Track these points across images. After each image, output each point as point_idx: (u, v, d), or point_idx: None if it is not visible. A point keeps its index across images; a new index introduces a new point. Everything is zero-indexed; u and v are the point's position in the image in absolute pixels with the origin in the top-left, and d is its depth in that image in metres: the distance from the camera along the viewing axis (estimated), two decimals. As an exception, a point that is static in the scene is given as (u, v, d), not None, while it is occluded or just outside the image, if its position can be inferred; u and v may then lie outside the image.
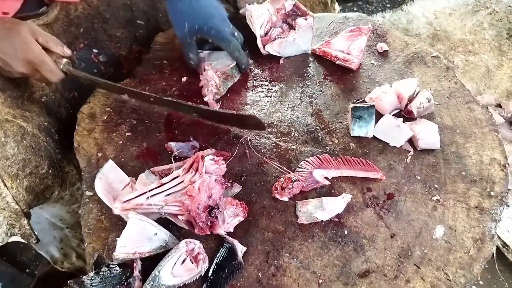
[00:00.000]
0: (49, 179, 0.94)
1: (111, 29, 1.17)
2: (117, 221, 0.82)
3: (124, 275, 0.71)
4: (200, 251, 0.74)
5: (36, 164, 0.89)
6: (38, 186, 0.91)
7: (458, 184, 0.82)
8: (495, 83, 1.74)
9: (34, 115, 0.95)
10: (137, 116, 1.00)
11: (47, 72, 0.87)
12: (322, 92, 1.00)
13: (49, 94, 1.05)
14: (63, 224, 1.27)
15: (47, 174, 0.93)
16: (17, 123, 0.89)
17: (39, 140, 0.92)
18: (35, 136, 0.91)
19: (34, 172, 0.89)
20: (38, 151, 0.91)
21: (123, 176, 0.86)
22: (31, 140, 0.90)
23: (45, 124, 0.97)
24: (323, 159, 0.86)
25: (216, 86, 0.99)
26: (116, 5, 1.16)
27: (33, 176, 0.89)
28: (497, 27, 1.91)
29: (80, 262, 1.30)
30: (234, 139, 0.93)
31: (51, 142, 0.96)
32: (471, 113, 0.92)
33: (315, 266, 0.74)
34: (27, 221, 0.87)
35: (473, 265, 0.73)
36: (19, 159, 0.86)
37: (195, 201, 0.76)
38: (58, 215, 1.25)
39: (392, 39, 1.08)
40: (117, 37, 1.19)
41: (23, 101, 0.96)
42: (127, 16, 1.19)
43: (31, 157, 0.88)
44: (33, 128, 0.92)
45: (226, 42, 0.97)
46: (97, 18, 1.14)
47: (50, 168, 0.94)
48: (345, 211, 0.79)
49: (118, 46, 1.20)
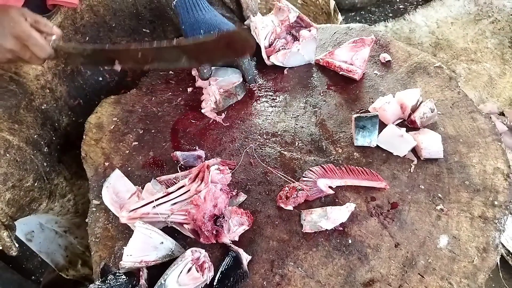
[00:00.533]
0: (35, 192, 0.93)
1: (117, 38, 1.19)
2: (123, 230, 0.83)
3: (130, 284, 0.72)
4: (206, 260, 0.74)
5: (19, 177, 0.89)
6: (23, 198, 0.90)
7: (462, 194, 0.83)
8: (497, 91, 1.75)
9: (23, 127, 0.95)
10: (144, 126, 1.01)
11: (35, 47, 0.85)
12: (326, 102, 1.01)
13: (51, 102, 1.05)
14: (59, 228, 1.27)
15: (33, 187, 0.92)
16: (1, 137, 0.89)
17: (25, 154, 0.92)
18: (20, 149, 0.91)
19: (17, 185, 0.88)
20: (23, 165, 0.90)
21: (129, 185, 0.87)
22: (16, 153, 0.90)
23: (34, 137, 0.97)
24: (327, 168, 0.87)
25: (215, 102, 1.00)
26: (122, 14, 1.17)
27: (16, 189, 0.88)
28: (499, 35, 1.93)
29: (85, 270, 1.31)
30: (239, 148, 0.94)
31: (38, 155, 0.96)
32: (474, 122, 0.93)
33: (320, 275, 0.75)
34: (7, 234, 0.87)
35: (477, 274, 0.73)
36: (0, 173, 0.85)
37: (200, 210, 0.77)
38: (53, 219, 1.25)
39: (395, 50, 1.10)
40: None
41: (18, 110, 0.96)
42: (132, 25, 1.20)
43: (14, 170, 0.88)
44: (19, 141, 0.92)
45: None
46: (103, 27, 1.16)
47: (36, 181, 0.93)
48: (349, 220, 0.80)
49: None
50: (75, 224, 1.25)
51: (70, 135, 1.07)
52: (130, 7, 1.17)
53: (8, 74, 0.97)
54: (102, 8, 1.13)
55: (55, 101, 1.07)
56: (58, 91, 1.07)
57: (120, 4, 1.16)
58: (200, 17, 0.98)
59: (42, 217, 1.24)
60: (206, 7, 1.00)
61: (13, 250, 0.88)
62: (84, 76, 1.13)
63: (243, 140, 0.96)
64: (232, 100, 1.03)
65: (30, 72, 1.01)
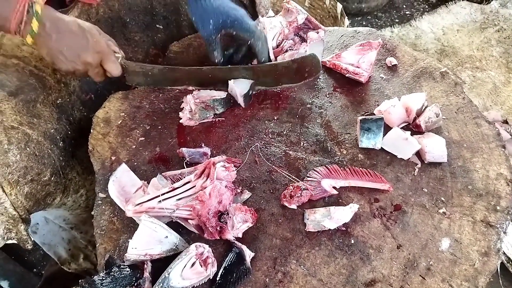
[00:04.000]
0: (51, 186, 0.95)
1: (130, 33, 1.20)
2: (128, 223, 0.84)
3: (134, 276, 0.73)
4: (209, 255, 0.75)
5: (38, 171, 0.90)
6: (40, 192, 0.92)
7: (465, 198, 0.83)
8: (501, 99, 1.76)
9: (41, 121, 0.96)
10: (151, 121, 1.02)
11: (112, 63, 0.92)
12: (332, 104, 1.02)
13: (65, 97, 1.07)
14: (67, 225, 1.28)
15: (49, 181, 0.93)
16: (22, 130, 0.90)
17: (43, 148, 0.93)
18: (39, 143, 0.93)
19: (35, 179, 0.90)
20: (41, 159, 0.92)
21: (135, 179, 0.88)
22: (35, 147, 0.91)
23: (51, 132, 0.98)
24: (331, 169, 0.87)
25: (190, 112, 0.99)
26: (137, 9, 1.18)
27: (34, 183, 0.89)
28: (505, 44, 1.94)
29: (87, 264, 1.32)
30: (245, 146, 0.95)
31: (55, 150, 0.97)
32: (478, 128, 0.93)
33: (322, 273, 0.75)
34: (24, 227, 0.88)
35: (478, 278, 0.73)
36: (20, 166, 0.86)
37: (205, 206, 0.78)
38: (62, 216, 1.27)
39: (401, 54, 1.11)
40: (135, 41, 1.22)
41: (36, 104, 0.97)
42: (146, 21, 1.21)
43: (34, 164, 0.89)
44: (38, 135, 0.93)
45: (251, 32, 0.98)
46: (117, 22, 1.16)
47: (53, 176, 0.95)
48: (352, 220, 0.81)
49: (136, 50, 1.23)
50: (82, 220, 1.26)
51: (83, 130, 1.08)
52: (145, 2, 1.18)
53: (28, 67, 0.99)
54: (117, 3, 1.14)
55: (69, 95, 1.08)
56: (71, 85, 1.08)
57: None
58: (209, 6, 0.95)
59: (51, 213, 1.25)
60: None
61: (29, 243, 0.89)
62: None
63: (248, 138, 0.97)
64: (209, 113, 1.01)
65: (49, 66, 1.03)
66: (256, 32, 0.99)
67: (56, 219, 1.25)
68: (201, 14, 0.96)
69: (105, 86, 1.16)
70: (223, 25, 0.96)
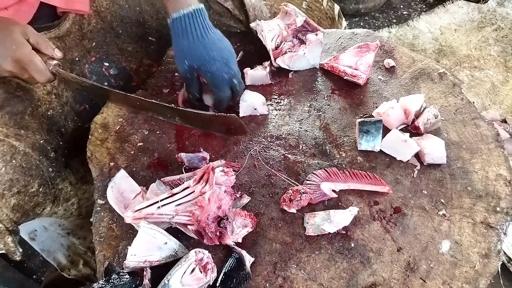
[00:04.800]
0: (39, 197, 0.93)
1: (123, 44, 1.20)
2: (127, 230, 0.83)
3: (134, 283, 0.73)
4: (209, 261, 0.75)
5: (25, 183, 0.89)
6: (28, 203, 0.90)
7: (464, 199, 0.83)
8: (500, 98, 1.76)
9: (29, 133, 0.95)
10: (149, 127, 1.02)
11: (34, 71, 0.86)
12: (330, 106, 1.02)
13: (56, 108, 1.05)
14: (63, 230, 1.28)
15: (38, 192, 0.92)
16: (8, 143, 0.88)
17: (30, 159, 0.92)
18: (26, 155, 0.91)
19: (22, 191, 0.88)
20: (29, 170, 0.90)
21: (134, 185, 0.88)
22: (22, 159, 0.89)
23: (40, 142, 0.97)
24: (330, 172, 0.87)
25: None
26: (129, 21, 1.18)
27: (21, 195, 0.88)
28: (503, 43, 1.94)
29: (87, 270, 1.32)
30: (244, 151, 0.95)
31: (44, 161, 0.96)
32: (477, 129, 0.93)
33: (322, 278, 0.75)
34: (11, 239, 0.87)
35: (479, 280, 0.73)
36: (5, 179, 0.85)
37: (205, 211, 0.77)
38: (57, 222, 1.26)
39: (399, 55, 1.11)
40: (129, 51, 1.22)
41: (24, 116, 0.96)
42: (139, 32, 1.21)
43: (20, 176, 0.88)
44: (25, 147, 0.92)
45: (218, 90, 0.95)
46: (109, 33, 1.16)
47: (41, 187, 0.93)
48: (352, 224, 0.80)
49: (129, 60, 1.23)
50: (78, 225, 1.25)
51: (77, 140, 1.07)
52: (137, 15, 1.18)
53: (15, 80, 0.97)
54: (109, 15, 1.14)
55: (61, 106, 1.07)
56: (64, 97, 1.07)
57: (127, 12, 1.16)
58: (186, 46, 0.92)
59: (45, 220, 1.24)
60: (198, 31, 0.92)
61: (17, 254, 0.88)
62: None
63: (247, 142, 0.96)
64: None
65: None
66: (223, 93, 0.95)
67: (51, 226, 1.24)
68: (179, 52, 0.94)
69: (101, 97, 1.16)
70: (197, 70, 0.93)
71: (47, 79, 0.89)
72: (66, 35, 1.07)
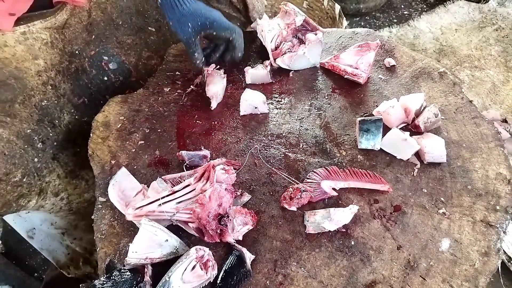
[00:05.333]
0: (23, 187, 0.93)
1: (122, 36, 1.19)
2: (128, 227, 0.84)
3: (135, 280, 0.73)
4: (210, 258, 0.75)
5: (6, 171, 0.88)
6: (10, 193, 0.90)
7: (464, 198, 0.83)
8: (500, 98, 1.76)
9: (16, 121, 0.94)
10: (150, 125, 1.02)
11: None
12: (331, 105, 1.02)
13: (52, 99, 1.04)
14: (56, 230, 1.27)
15: (21, 182, 0.91)
16: None
17: (14, 147, 0.91)
18: (10, 142, 0.90)
19: (3, 179, 0.88)
20: (11, 158, 0.90)
21: (135, 183, 0.88)
22: (4, 146, 0.89)
23: (27, 132, 0.96)
24: (331, 170, 0.88)
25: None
26: (129, 11, 1.17)
27: (2, 183, 0.87)
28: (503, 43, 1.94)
29: (87, 268, 1.32)
30: (244, 149, 0.95)
31: (30, 150, 0.95)
32: (478, 128, 0.94)
33: (322, 275, 0.75)
34: None
35: (479, 278, 0.73)
36: None
37: (205, 209, 0.78)
38: (48, 219, 1.25)
39: (400, 55, 1.11)
40: (128, 44, 1.21)
41: (13, 104, 0.95)
42: (139, 23, 1.20)
43: (1, 163, 0.87)
44: (9, 134, 0.91)
45: (231, 29, 1.03)
46: (109, 25, 1.16)
47: (25, 177, 0.93)
48: (352, 222, 0.81)
49: (128, 53, 1.22)
50: (71, 224, 1.24)
51: (71, 133, 1.06)
52: (137, 5, 1.18)
53: (8, 68, 0.96)
54: (110, 6, 1.14)
55: (57, 98, 1.06)
56: (61, 89, 1.07)
57: (127, 2, 1.16)
58: (185, 10, 0.98)
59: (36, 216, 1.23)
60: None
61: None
62: (89, 75, 1.13)
63: (248, 141, 0.97)
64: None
65: (32, 68, 1.00)
66: (235, 29, 1.03)
67: (43, 224, 1.23)
68: (179, 18, 0.99)
69: (99, 90, 1.16)
70: (202, 27, 0.99)
71: None
72: (66, 27, 1.06)
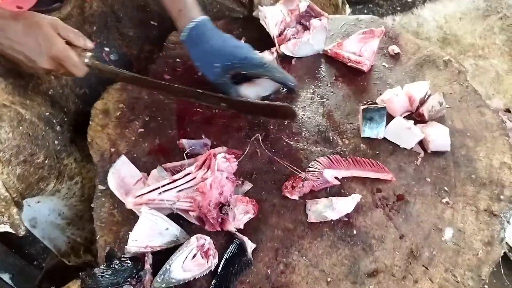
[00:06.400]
0: (44, 170, 0.92)
1: (124, 28, 1.18)
2: (128, 215, 0.83)
3: (135, 268, 0.73)
4: (211, 247, 0.75)
5: (31, 152, 0.87)
6: (33, 175, 0.89)
7: (468, 187, 0.82)
8: (504, 88, 1.74)
9: (35, 104, 0.94)
10: (150, 113, 1.01)
11: (71, 66, 0.85)
12: (334, 93, 1.01)
13: (56, 88, 1.03)
14: (62, 220, 1.27)
15: (43, 164, 0.90)
16: (14, 109, 0.86)
17: (37, 129, 0.90)
18: (33, 123, 0.89)
19: (28, 160, 0.87)
20: (35, 140, 0.89)
21: (135, 171, 0.87)
22: (28, 127, 0.88)
23: (46, 114, 0.95)
24: (333, 159, 0.86)
25: None
26: (131, 4, 1.16)
27: (27, 165, 0.86)
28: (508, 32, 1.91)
29: (88, 256, 1.32)
30: (245, 137, 0.94)
31: (50, 132, 0.94)
32: (482, 117, 0.92)
33: (324, 264, 0.75)
34: (16, 210, 0.85)
35: (482, 267, 0.73)
36: (13, 145, 0.83)
37: (206, 197, 0.77)
38: (57, 210, 1.25)
39: (404, 42, 1.09)
40: (129, 36, 1.20)
41: (26, 90, 0.94)
42: (140, 17, 1.19)
43: (26, 144, 0.86)
44: (31, 116, 0.90)
45: (264, 66, 0.91)
46: (110, 17, 1.14)
47: (47, 159, 0.91)
48: (355, 211, 0.80)
49: (130, 45, 1.21)
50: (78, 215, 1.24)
51: (78, 122, 1.06)
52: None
53: None
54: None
55: (61, 87, 1.05)
56: (63, 79, 1.05)
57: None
58: (211, 48, 0.90)
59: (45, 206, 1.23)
60: (215, 34, 0.92)
61: (21, 228, 0.86)
62: None
63: (249, 129, 0.96)
64: None
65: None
66: (268, 65, 0.91)
67: (51, 214, 1.23)
68: (204, 58, 0.91)
69: (99, 81, 1.14)
70: (232, 66, 0.90)
71: (84, 72, 0.88)
72: (67, 18, 1.05)
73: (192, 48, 0.93)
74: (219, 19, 1.20)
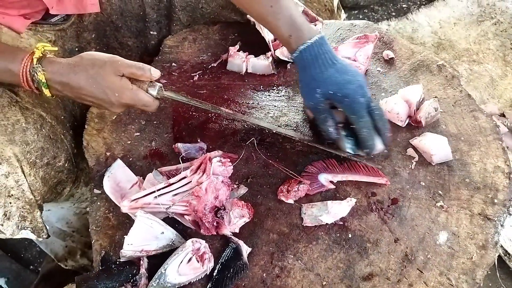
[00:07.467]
0: (63, 173, 0.92)
1: (123, 38, 1.18)
2: (124, 219, 0.83)
3: (130, 273, 0.72)
4: (206, 251, 0.75)
5: (54, 154, 0.87)
6: (52, 179, 0.89)
7: (462, 191, 0.83)
8: (498, 92, 1.75)
9: (52, 106, 0.95)
10: (146, 117, 1.01)
11: (143, 107, 0.83)
12: (329, 97, 1.01)
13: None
14: (69, 228, 1.27)
15: (63, 167, 0.91)
16: (37, 112, 0.87)
17: (56, 132, 0.91)
18: (53, 127, 0.90)
19: (51, 163, 0.87)
20: (56, 142, 0.89)
21: (131, 175, 0.87)
22: (50, 130, 0.88)
23: (62, 118, 0.96)
24: (328, 163, 0.87)
25: None
26: (129, 15, 1.15)
27: (49, 168, 0.87)
28: (502, 37, 1.93)
29: (84, 260, 1.31)
30: (241, 141, 0.94)
31: (67, 135, 0.95)
32: (476, 121, 0.93)
33: (319, 268, 0.75)
34: (40, 214, 0.84)
35: (476, 271, 0.73)
36: (38, 147, 0.84)
37: (202, 201, 0.77)
38: (65, 218, 1.25)
39: (398, 47, 1.10)
40: (129, 45, 1.20)
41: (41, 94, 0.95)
42: (139, 27, 1.19)
43: (49, 146, 0.87)
44: (51, 119, 0.91)
45: (358, 116, 0.79)
46: (109, 26, 1.15)
47: (67, 162, 0.92)
48: (350, 214, 0.80)
49: (129, 54, 1.21)
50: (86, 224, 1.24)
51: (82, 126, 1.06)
52: (138, 8, 1.15)
53: None
54: (109, 7, 1.12)
55: None
56: None
57: (127, 5, 1.14)
58: (318, 73, 0.82)
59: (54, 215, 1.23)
60: (328, 57, 0.82)
61: (44, 232, 0.84)
62: None
63: (244, 133, 0.96)
64: None
65: None
66: (363, 118, 0.79)
67: (58, 222, 1.22)
68: (308, 82, 0.84)
69: None
70: (332, 97, 0.81)
71: (156, 106, 0.85)
72: (68, 26, 1.05)
73: (302, 69, 0.85)
74: (215, 23, 1.21)
